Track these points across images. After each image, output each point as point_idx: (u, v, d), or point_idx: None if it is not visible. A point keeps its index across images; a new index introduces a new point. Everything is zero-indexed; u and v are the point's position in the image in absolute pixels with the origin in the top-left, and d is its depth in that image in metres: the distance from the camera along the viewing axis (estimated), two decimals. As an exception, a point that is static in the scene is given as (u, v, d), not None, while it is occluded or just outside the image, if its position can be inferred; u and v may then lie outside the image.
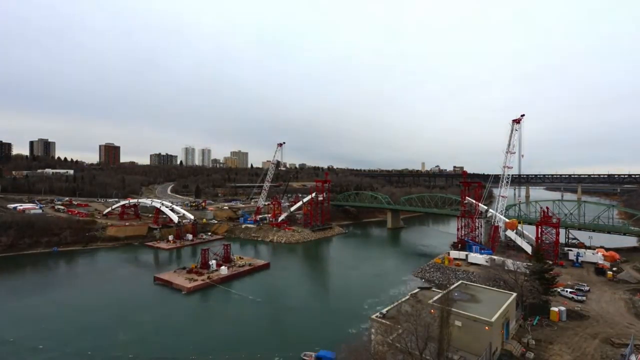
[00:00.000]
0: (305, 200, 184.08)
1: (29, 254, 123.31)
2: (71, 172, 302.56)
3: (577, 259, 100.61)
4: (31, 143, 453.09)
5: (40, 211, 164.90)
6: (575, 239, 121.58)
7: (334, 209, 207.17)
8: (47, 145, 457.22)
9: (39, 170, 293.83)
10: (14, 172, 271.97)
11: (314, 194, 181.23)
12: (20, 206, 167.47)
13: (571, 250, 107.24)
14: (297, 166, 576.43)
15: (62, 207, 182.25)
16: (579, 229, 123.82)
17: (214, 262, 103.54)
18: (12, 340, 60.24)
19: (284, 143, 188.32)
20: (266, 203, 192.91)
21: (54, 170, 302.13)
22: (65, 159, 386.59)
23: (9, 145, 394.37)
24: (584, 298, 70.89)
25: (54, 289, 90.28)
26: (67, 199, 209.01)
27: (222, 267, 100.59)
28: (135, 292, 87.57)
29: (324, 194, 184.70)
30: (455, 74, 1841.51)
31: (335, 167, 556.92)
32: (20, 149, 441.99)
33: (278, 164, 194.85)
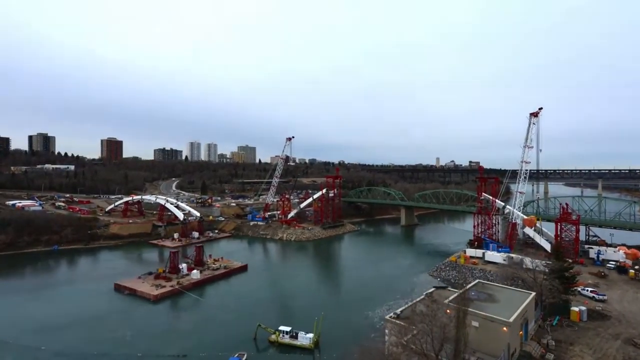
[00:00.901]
0: (315, 196, 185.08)
1: (28, 253, 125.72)
2: (72, 167, 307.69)
3: (597, 257, 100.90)
4: (30, 137, 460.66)
5: (40, 208, 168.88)
6: (596, 236, 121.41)
7: (346, 205, 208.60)
8: (47, 140, 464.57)
9: (39, 166, 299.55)
10: (12, 168, 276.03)
11: (324, 190, 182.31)
12: (19, 203, 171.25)
13: (592, 247, 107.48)
14: (307, 161, 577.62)
15: (62, 204, 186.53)
16: (600, 226, 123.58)
17: (184, 265, 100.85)
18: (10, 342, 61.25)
19: (293, 137, 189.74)
20: (275, 199, 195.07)
21: (54, 166, 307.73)
22: (66, 154, 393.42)
23: (6, 140, 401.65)
24: (605, 297, 71.49)
25: (47, 290, 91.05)
26: (67, 195, 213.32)
27: (194, 271, 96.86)
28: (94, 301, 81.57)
29: (335, 190, 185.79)
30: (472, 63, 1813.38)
31: (346, 162, 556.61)
32: (19, 143, 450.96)
33: (287, 158, 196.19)
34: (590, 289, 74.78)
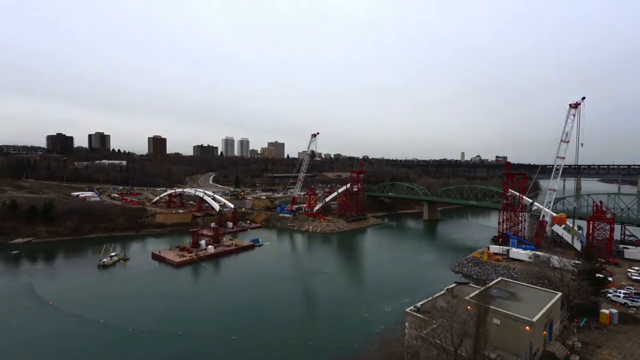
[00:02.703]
0: (340, 190, 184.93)
1: (91, 238, 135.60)
2: (124, 163, 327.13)
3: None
4: (89, 136, 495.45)
5: (99, 199, 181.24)
6: (632, 236, 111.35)
7: (369, 199, 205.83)
8: (104, 138, 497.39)
9: (97, 162, 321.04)
10: (75, 163, 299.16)
11: (348, 185, 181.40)
12: (82, 194, 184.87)
13: (627, 248, 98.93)
14: (332, 156, 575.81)
15: (117, 195, 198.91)
16: (638, 225, 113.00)
17: (203, 242, 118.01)
18: (102, 321, 67.50)
19: (318, 133, 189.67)
20: (302, 193, 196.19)
21: (110, 161, 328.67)
22: (119, 150, 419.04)
23: (71, 139, 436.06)
24: (640, 301, 64.72)
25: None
26: (121, 187, 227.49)
27: (210, 247, 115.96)
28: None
29: (359, 184, 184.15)
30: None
31: (370, 157, 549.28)
32: (80, 141, 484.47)
33: (313, 154, 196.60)
34: (623, 292, 68.06)
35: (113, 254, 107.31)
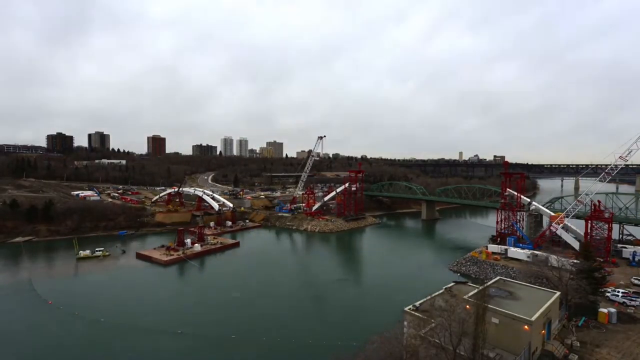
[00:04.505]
0: (338, 190, 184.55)
1: (91, 237, 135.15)
2: (123, 162, 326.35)
3: (633, 257, 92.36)
4: (89, 135, 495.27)
5: (99, 198, 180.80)
6: (630, 235, 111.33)
7: (368, 199, 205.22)
8: (103, 138, 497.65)
9: (97, 161, 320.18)
10: (75, 162, 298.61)
11: (347, 184, 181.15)
12: (82, 193, 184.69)
13: (625, 247, 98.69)
14: (331, 156, 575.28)
15: (117, 194, 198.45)
16: (636, 225, 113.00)
17: (189, 240, 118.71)
18: (102, 320, 66.82)
19: (325, 136, 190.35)
20: (301, 192, 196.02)
21: (109, 161, 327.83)
22: (119, 150, 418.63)
23: (71, 138, 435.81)
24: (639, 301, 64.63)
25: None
26: (120, 187, 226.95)
27: (196, 245, 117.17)
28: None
29: (358, 184, 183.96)
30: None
31: (369, 156, 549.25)
32: (80, 141, 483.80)
33: (318, 156, 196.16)
34: (622, 290, 67.84)
35: (98, 249, 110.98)
